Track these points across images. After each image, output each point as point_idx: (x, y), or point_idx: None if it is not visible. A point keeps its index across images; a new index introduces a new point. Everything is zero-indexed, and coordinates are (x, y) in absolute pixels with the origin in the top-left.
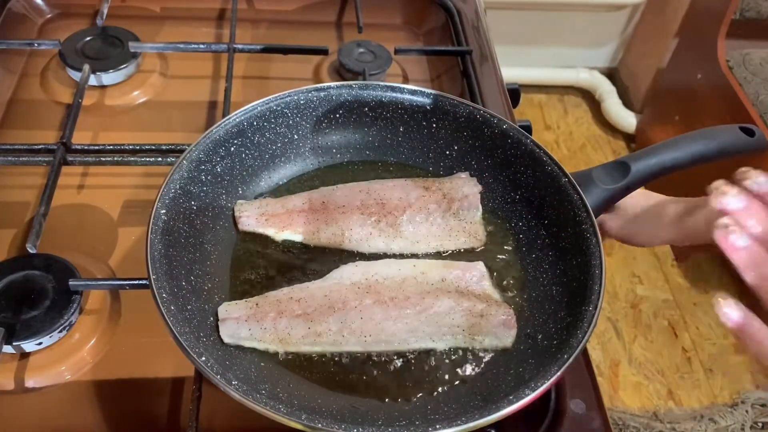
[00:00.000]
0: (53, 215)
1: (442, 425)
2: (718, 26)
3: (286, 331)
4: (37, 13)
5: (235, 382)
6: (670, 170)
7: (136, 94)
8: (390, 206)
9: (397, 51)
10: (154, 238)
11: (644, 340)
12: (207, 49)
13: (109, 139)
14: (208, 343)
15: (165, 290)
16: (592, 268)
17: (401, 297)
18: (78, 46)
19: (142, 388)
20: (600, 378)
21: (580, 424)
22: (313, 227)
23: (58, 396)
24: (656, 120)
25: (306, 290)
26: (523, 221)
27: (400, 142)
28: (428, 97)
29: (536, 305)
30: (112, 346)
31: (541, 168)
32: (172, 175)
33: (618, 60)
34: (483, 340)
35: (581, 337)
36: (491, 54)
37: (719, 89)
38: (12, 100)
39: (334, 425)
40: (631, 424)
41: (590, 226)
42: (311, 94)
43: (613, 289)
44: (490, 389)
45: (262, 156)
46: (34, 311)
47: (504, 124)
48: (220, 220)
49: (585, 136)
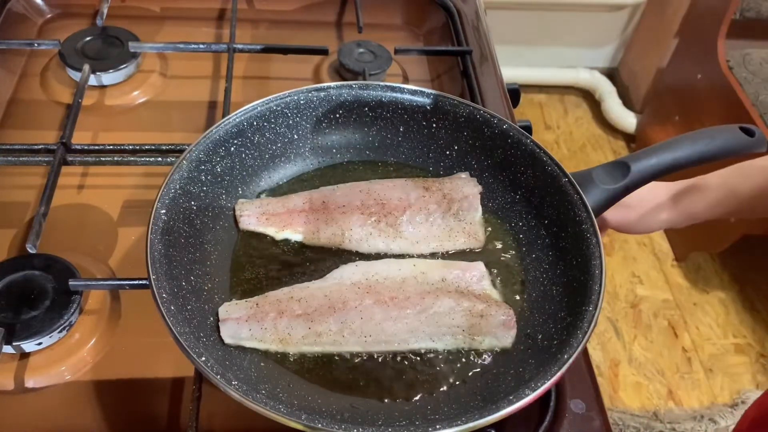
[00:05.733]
0: (53, 215)
1: (442, 425)
2: (718, 26)
3: (287, 332)
4: (37, 13)
5: (235, 382)
6: (670, 170)
7: (136, 94)
8: (390, 206)
9: (397, 51)
10: (154, 238)
11: (644, 340)
12: (207, 49)
13: (109, 139)
14: (208, 343)
15: (165, 290)
16: (592, 268)
17: (401, 297)
18: (78, 46)
19: (142, 388)
20: (600, 378)
21: (580, 424)
22: (314, 227)
23: (58, 396)
24: (656, 120)
25: (306, 290)
26: (523, 221)
27: (400, 142)
28: (428, 97)
29: (536, 305)
30: (112, 346)
31: (541, 168)
32: (172, 175)
33: (618, 60)
34: (483, 340)
35: (581, 337)
36: (491, 54)
37: (719, 89)
38: (12, 100)
39: (334, 425)
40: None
41: (590, 226)
42: (311, 94)
43: (613, 289)
44: (490, 389)
45: (262, 156)
46: (34, 311)
47: (504, 124)
48: (220, 220)
49: (585, 136)
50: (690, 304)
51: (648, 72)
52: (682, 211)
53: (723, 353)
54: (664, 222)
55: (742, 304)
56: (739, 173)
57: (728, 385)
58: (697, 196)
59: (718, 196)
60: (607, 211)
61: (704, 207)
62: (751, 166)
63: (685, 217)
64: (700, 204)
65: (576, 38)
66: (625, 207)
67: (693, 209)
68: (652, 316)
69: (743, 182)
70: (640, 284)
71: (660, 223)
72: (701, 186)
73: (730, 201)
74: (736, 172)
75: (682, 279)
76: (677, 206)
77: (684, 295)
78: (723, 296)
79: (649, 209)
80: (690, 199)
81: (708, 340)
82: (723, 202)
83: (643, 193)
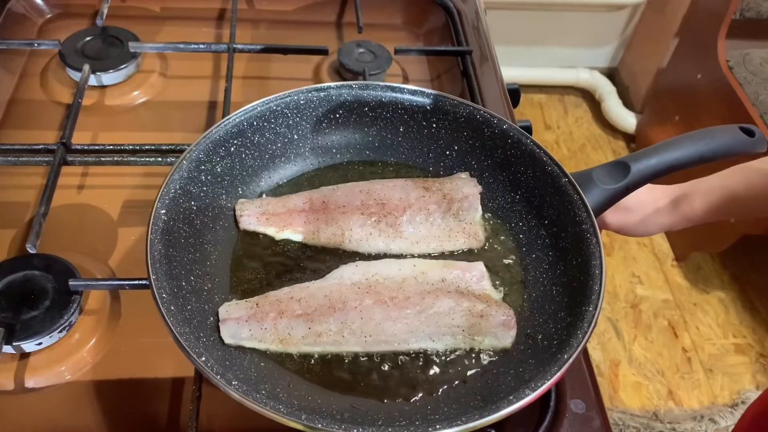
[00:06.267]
0: (53, 215)
1: (442, 425)
2: (718, 26)
3: (287, 332)
4: (37, 13)
5: (235, 382)
6: (670, 170)
7: (136, 94)
8: (390, 206)
9: (397, 51)
10: (154, 238)
11: (644, 340)
12: (207, 49)
13: (109, 139)
14: (208, 343)
15: (165, 290)
16: (592, 268)
17: (401, 297)
18: (78, 46)
19: (142, 388)
20: (600, 378)
21: (580, 424)
22: (314, 227)
23: (58, 396)
24: (656, 120)
25: (306, 290)
26: (523, 221)
27: (400, 142)
28: (428, 97)
29: (536, 305)
30: (112, 346)
31: (541, 168)
32: (172, 175)
33: (618, 60)
34: (483, 340)
35: (581, 337)
36: (491, 54)
37: (719, 89)
38: (12, 100)
39: (334, 425)
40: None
41: (590, 226)
42: (311, 94)
43: (613, 289)
44: (490, 389)
45: (262, 156)
46: (34, 311)
47: (504, 124)
48: (220, 220)
49: (585, 136)
50: (690, 304)
51: (648, 72)
52: (682, 214)
53: (723, 353)
54: (664, 225)
55: (742, 304)
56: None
57: (728, 385)
58: (696, 200)
59: (717, 199)
60: (607, 214)
61: (704, 210)
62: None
63: (684, 220)
64: (700, 207)
65: (576, 38)
66: (625, 210)
67: (693, 212)
68: (652, 316)
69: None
70: (640, 284)
71: (660, 226)
72: (700, 189)
73: (729, 204)
74: (734, 174)
75: (682, 279)
76: (677, 209)
77: (684, 295)
78: (723, 296)
79: (648, 212)
80: (689, 203)
81: (708, 340)
82: (722, 205)
83: (643, 196)
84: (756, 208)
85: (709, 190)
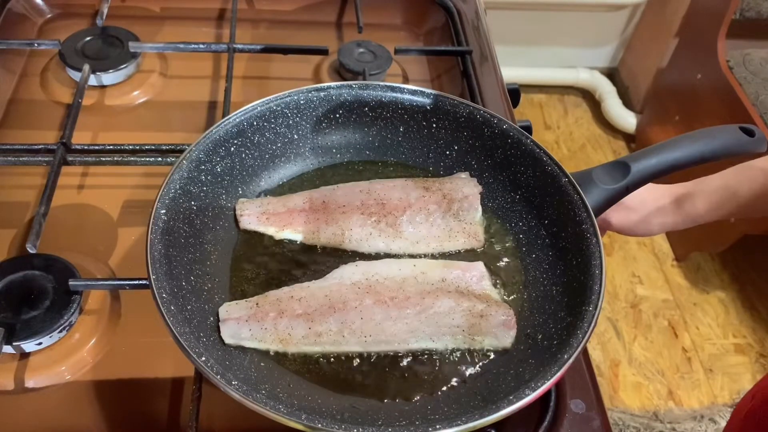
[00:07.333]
0: (53, 215)
1: (442, 425)
2: (718, 26)
3: (287, 331)
4: (37, 13)
5: (235, 382)
6: (670, 170)
7: (136, 94)
8: (390, 206)
9: (397, 51)
10: (154, 238)
11: (644, 340)
12: (207, 49)
13: (109, 139)
14: (208, 343)
15: (165, 290)
16: (592, 268)
17: (401, 297)
18: (78, 46)
19: (142, 388)
20: (600, 378)
21: (580, 424)
22: (314, 227)
23: (58, 396)
24: (656, 120)
25: (306, 290)
26: (523, 221)
27: (400, 142)
28: (428, 97)
29: (536, 305)
30: (112, 346)
31: (541, 168)
32: (172, 175)
33: (618, 60)
34: (483, 340)
35: (581, 337)
36: (491, 54)
37: (719, 89)
38: (12, 100)
39: (334, 425)
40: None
41: (590, 226)
42: (311, 94)
43: (613, 289)
44: (490, 389)
45: (262, 156)
46: (34, 311)
47: (504, 124)
48: (220, 220)
49: (585, 136)
50: (690, 304)
51: (648, 72)
52: (683, 213)
53: (723, 353)
54: (666, 225)
55: (742, 304)
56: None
57: (728, 385)
58: (697, 199)
59: (718, 198)
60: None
61: (705, 209)
62: (751, 168)
63: (686, 220)
64: (701, 207)
65: (576, 38)
66: (627, 210)
67: (694, 212)
68: (652, 316)
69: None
70: (640, 284)
71: (661, 226)
72: (702, 189)
73: (731, 203)
74: (736, 173)
75: (682, 279)
76: (678, 209)
77: (684, 295)
78: (723, 296)
79: (650, 212)
80: (691, 202)
81: (708, 340)
82: (724, 205)
83: (644, 195)
84: (759, 207)
85: (712, 190)
